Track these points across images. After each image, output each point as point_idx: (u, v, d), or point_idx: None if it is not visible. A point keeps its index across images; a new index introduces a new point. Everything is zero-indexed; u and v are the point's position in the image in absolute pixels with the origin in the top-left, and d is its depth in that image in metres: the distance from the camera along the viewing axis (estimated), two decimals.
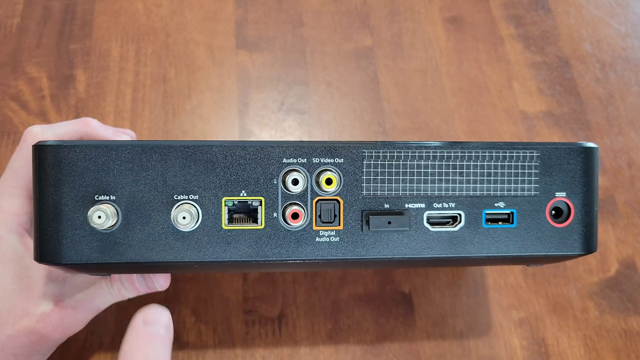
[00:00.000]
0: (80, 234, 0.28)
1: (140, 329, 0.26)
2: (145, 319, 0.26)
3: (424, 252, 0.30)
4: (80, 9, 0.51)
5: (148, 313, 0.27)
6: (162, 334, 0.26)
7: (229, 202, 0.29)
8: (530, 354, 0.42)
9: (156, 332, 0.26)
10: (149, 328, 0.26)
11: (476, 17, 0.54)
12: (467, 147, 0.30)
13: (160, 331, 0.26)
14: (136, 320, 0.26)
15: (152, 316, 0.27)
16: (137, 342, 0.26)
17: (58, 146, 0.28)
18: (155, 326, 0.26)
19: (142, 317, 0.27)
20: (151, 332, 0.26)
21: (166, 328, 0.27)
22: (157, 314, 0.27)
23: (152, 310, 0.27)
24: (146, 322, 0.26)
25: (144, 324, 0.26)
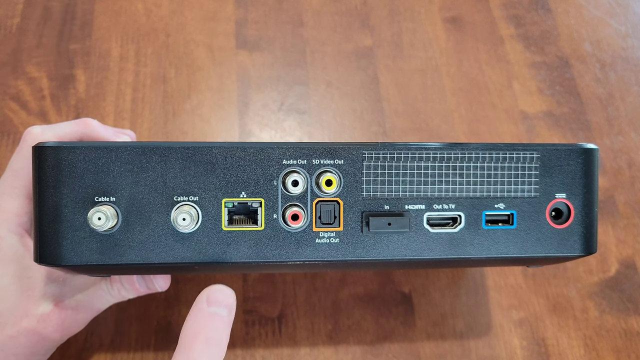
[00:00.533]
0: (80, 235, 0.28)
1: (203, 309, 0.26)
2: (209, 299, 0.26)
3: (424, 254, 0.30)
4: (80, 9, 0.51)
5: (212, 293, 0.27)
6: (224, 315, 0.26)
7: (229, 203, 0.29)
8: (530, 354, 0.42)
9: (219, 313, 0.26)
10: (211, 308, 0.26)
11: (476, 17, 0.54)
12: (467, 149, 0.30)
13: (222, 312, 0.26)
14: (200, 300, 0.26)
15: (216, 296, 0.27)
16: (198, 321, 0.26)
17: (58, 147, 0.28)
18: (218, 307, 0.26)
19: (206, 296, 0.27)
20: (214, 312, 0.26)
21: (229, 310, 0.27)
22: (221, 295, 0.27)
23: (216, 291, 0.27)
24: (210, 302, 0.26)
25: (208, 304, 0.26)
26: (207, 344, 0.25)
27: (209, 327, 0.26)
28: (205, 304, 0.26)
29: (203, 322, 0.26)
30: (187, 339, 0.25)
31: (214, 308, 0.26)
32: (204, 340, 0.25)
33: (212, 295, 0.27)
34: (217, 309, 0.26)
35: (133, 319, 0.41)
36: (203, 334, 0.25)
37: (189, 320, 0.26)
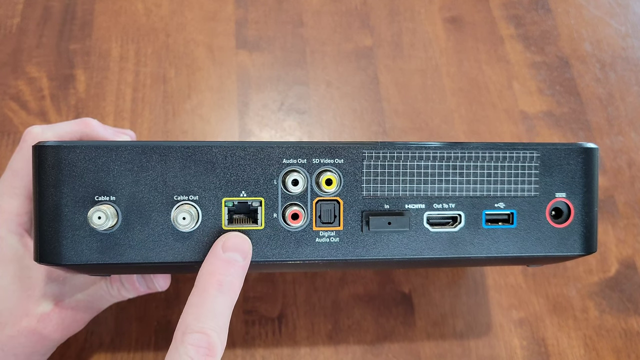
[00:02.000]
0: (80, 235, 0.28)
1: (218, 254, 0.27)
2: (225, 245, 0.27)
3: (424, 253, 0.30)
4: (80, 9, 0.51)
5: (228, 239, 0.27)
6: (239, 261, 0.27)
7: (229, 202, 0.29)
8: (530, 354, 0.42)
9: (233, 259, 0.27)
10: (227, 254, 0.27)
11: (476, 17, 0.54)
12: (467, 148, 0.30)
13: (237, 258, 0.27)
14: (216, 245, 0.27)
15: (232, 242, 0.27)
16: (213, 266, 0.27)
17: (58, 147, 0.28)
18: (233, 253, 0.27)
19: (222, 242, 0.27)
20: (229, 258, 0.27)
21: (244, 256, 0.27)
22: (237, 241, 0.28)
23: (232, 237, 0.28)
24: (225, 248, 0.27)
25: (223, 249, 0.27)
26: (220, 287, 0.26)
27: (223, 272, 0.27)
28: (221, 249, 0.27)
29: (217, 266, 0.27)
30: (201, 282, 0.27)
31: (229, 253, 0.27)
32: (217, 284, 0.26)
33: (228, 241, 0.27)
34: (232, 255, 0.27)
35: (133, 319, 0.41)
36: (216, 277, 0.27)
37: (204, 265, 0.27)
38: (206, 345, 0.25)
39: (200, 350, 0.25)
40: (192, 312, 0.26)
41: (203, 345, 0.25)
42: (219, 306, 0.26)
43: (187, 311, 0.26)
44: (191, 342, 0.25)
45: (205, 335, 0.25)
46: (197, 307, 0.26)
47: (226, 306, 0.27)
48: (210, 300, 0.26)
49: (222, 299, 0.26)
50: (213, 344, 0.25)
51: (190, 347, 0.25)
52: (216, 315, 0.26)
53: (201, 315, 0.26)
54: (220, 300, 0.26)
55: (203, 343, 0.25)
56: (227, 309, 0.27)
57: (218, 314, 0.26)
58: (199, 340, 0.25)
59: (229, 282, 0.27)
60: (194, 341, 0.25)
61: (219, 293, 0.26)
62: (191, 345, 0.25)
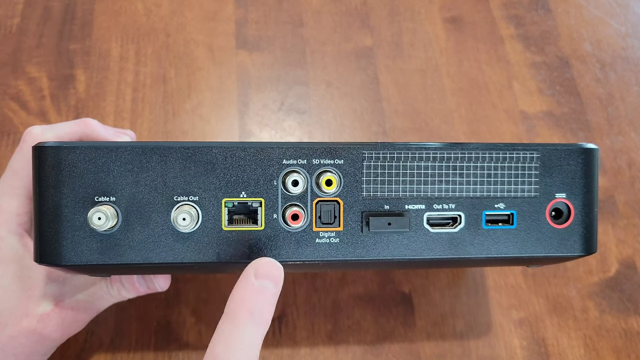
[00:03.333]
0: (80, 235, 0.28)
1: (250, 280, 0.27)
2: (257, 272, 0.27)
3: (424, 253, 0.30)
4: (80, 9, 0.51)
5: (260, 266, 0.27)
6: (270, 288, 0.27)
7: (229, 203, 0.29)
8: (530, 354, 0.42)
9: (265, 287, 0.27)
10: (259, 281, 0.27)
11: (476, 17, 0.54)
12: (467, 148, 0.30)
13: (269, 286, 0.27)
14: (248, 272, 0.27)
15: (264, 270, 0.27)
16: (245, 292, 0.26)
17: (58, 147, 0.28)
18: (265, 280, 0.27)
19: (254, 268, 0.27)
20: (260, 285, 0.27)
21: (275, 284, 0.27)
22: (269, 268, 0.27)
23: (265, 264, 0.27)
24: (257, 275, 0.27)
25: (255, 276, 0.27)
26: (251, 315, 0.26)
27: (255, 300, 0.26)
28: (253, 276, 0.27)
29: (249, 294, 0.26)
30: (232, 309, 0.26)
31: (261, 281, 0.27)
32: (248, 312, 0.26)
33: (260, 268, 0.27)
34: (264, 282, 0.27)
35: (133, 319, 0.41)
36: (247, 305, 0.26)
37: (236, 291, 0.27)
38: None
39: None
40: (222, 341, 0.25)
41: None
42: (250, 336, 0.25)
43: (216, 339, 0.25)
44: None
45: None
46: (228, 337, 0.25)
47: (257, 337, 0.26)
48: (241, 329, 0.25)
49: (254, 329, 0.26)
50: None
51: None
52: (247, 347, 0.25)
53: (232, 346, 0.25)
54: (252, 330, 0.26)
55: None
56: (258, 339, 0.26)
57: (249, 346, 0.25)
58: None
59: (260, 311, 0.26)
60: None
61: (250, 322, 0.26)
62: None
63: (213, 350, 0.25)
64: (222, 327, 0.26)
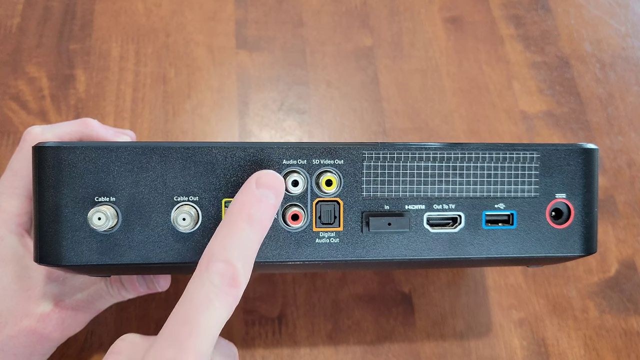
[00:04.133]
0: (80, 236, 0.28)
1: (251, 189, 0.27)
2: (258, 181, 0.27)
3: (423, 254, 0.30)
4: (80, 9, 0.51)
5: (262, 176, 0.27)
6: (270, 198, 0.27)
7: (229, 203, 0.29)
8: (530, 354, 0.42)
9: (265, 195, 0.27)
10: (259, 190, 0.27)
11: (476, 17, 0.54)
12: (467, 149, 0.30)
13: (269, 195, 0.27)
14: (250, 181, 0.27)
15: (265, 180, 0.27)
16: (245, 197, 0.27)
17: (58, 147, 0.28)
18: (266, 190, 0.27)
19: (256, 178, 0.27)
20: (261, 194, 0.27)
21: (276, 195, 0.27)
22: (271, 178, 0.27)
23: (266, 174, 0.27)
24: (259, 185, 0.27)
25: (257, 185, 0.27)
26: (250, 220, 0.26)
27: (254, 205, 0.26)
28: (254, 185, 0.27)
29: (249, 200, 0.26)
30: (232, 213, 0.26)
31: (262, 190, 0.27)
32: (248, 216, 0.26)
33: (262, 178, 0.27)
34: (264, 191, 0.27)
35: (133, 319, 0.41)
36: (247, 210, 0.26)
37: (236, 198, 0.27)
38: (230, 276, 0.25)
39: (224, 280, 0.25)
40: (219, 241, 0.26)
41: (228, 275, 0.25)
42: (247, 239, 0.26)
43: (214, 240, 0.26)
44: (216, 270, 0.25)
45: (230, 266, 0.25)
46: (225, 237, 0.26)
47: (254, 241, 0.26)
48: (239, 231, 0.26)
49: (251, 233, 0.26)
50: (237, 275, 0.25)
51: (215, 275, 0.25)
52: (243, 248, 0.26)
53: (228, 245, 0.25)
54: (249, 234, 0.26)
55: (228, 273, 0.25)
56: (255, 243, 0.26)
57: (245, 247, 0.26)
58: (224, 270, 0.25)
59: (259, 217, 0.26)
60: (218, 269, 0.25)
61: (248, 226, 0.26)
62: (216, 273, 0.25)
63: (210, 249, 0.26)
64: (220, 230, 0.26)
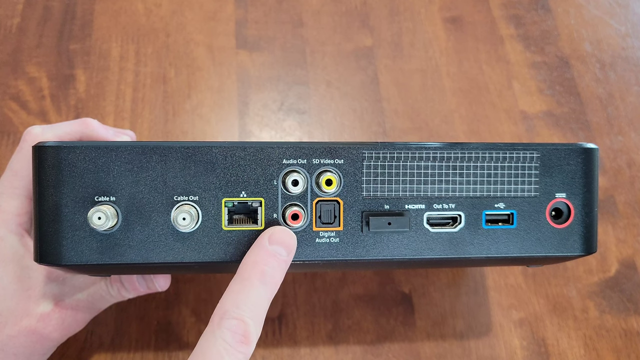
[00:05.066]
0: (80, 235, 0.28)
1: (264, 246, 0.28)
2: (271, 238, 0.28)
3: (424, 253, 0.30)
4: (80, 9, 0.51)
5: (274, 233, 0.28)
6: (282, 255, 0.28)
7: (229, 203, 0.29)
8: (530, 354, 0.42)
9: (277, 252, 0.27)
10: (272, 247, 0.27)
11: (476, 17, 0.54)
12: (467, 148, 0.30)
13: (281, 252, 0.28)
14: (262, 237, 0.28)
15: (278, 236, 0.28)
16: (258, 256, 0.27)
17: (58, 147, 0.28)
18: (278, 247, 0.28)
19: (268, 235, 0.28)
20: (273, 251, 0.27)
21: (288, 251, 0.28)
22: (283, 235, 0.28)
23: (278, 231, 0.28)
24: (271, 241, 0.28)
25: (269, 242, 0.28)
26: (262, 277, 0.27)
27: (267, 263, 0.27)
28: (267, 241, 0.28)
29: (261, 257, 0.27)
30: (244, 269, 0.27)
31: (274, 246, 0.28)
32: (260, 273, 0.27)
33: (274, 235, 0.28)
34: (277, 248, 0.28)
35: (133, 319, 0.41)
36: (260, 267, 0.27)
37: (249, 254, 0.28)
38: (242, 333, 0.25)
39: (236, 337, 0.25)
40: (231, 298, 0.26)
41: (239, 332, 0.25)
42: (259, 296, 0.26)
43: (226, 297, 0.26)
44: (228, 327, 0.25)
45: (242, 323, 0.26)
46: (237, 294, 0.26)
47: (266, 298, 0.27)
48: (251, 289, 0.26)
49: (263, 290, 0.27)
50: (249, 333, 0.26)
51: (227, 331, 0.25)
52: (255, 305, 0.26)
53: (240, 303, 0.26)
54: (261, 291, 0.26)
55: (240, 330, 0.25)
56: (266, 301, 0.27)
57: (257, 305, 0.26)
58: (236, 327, 0.25)
59: (271, 274, 0.27)
60: (230, 326, 0.25)
61: (260, 283, 0.27)
62: (228, 330, 0.25)
63: (222, 306, 0.26)
64: (233, 286, 0.27)
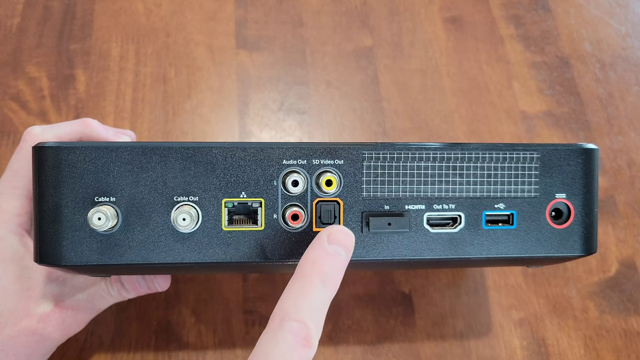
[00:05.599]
0: (80, 236, 0.28)
1: (323, 244, 0.27)
2: (330, 238, 0.27)
3: (424, 254, 0.30)
4: (80, 9, 0.51)
5: (333, 233, 0.27)
6: (341, 256, 0.27)
7: (229, 203, 0.29)
8: (530, 354, 0.42)
9: (336, 252, 0.27)
10: (331, 247, 0.27)
11: (476, 17, 0.54)
12: (467, 149, 0.30)
13: (340, 252, 0.27)
14: (321, 237, 0.27)
15: (336, 236, 0.27)
16: (317, 256, 0.27)
17: (58, 147, 0.28)
18: (337, 246, 0.27)
19: (327, 234, 0.27)
20: (333, 250, 0.27)
21: (347, 251, 0.27)
22: (341, 235, 0.27)
23: (337, 231, 0.27)
24: (330, 241, 0.27)
25: (328, 242, 0.27)
26: (322, 278, 0.26)
27: (326, 263, 0.26)
28: (326, 241, 0.27)
29: (321, 257, 0.27)
30: (304, 270, 0.26)
31: (333, 246, 0.27)
32: (321, 274, 0.26)
33: (333, 234, 0.27)
34: (335, 248, 0.27)
35: (133, 319, 0.41)
36: (320, 267, 0.26)
37: (308, 253, 0.27)
38: (304, 336, 0.25)
39: (297, 340, 0.24)
40: (292, 299, 0.25)
41: (301, 336, 0.25)
42: (320, 298, 0.26)
43: (286, 297, 0.26)
44: (289, 329, 0.25)
45: (304, 326, 0.25)
46: (298, 296, 0.26)
47: (326, 300, 0.26)
48: (313, 289, 0.26)
49: (324, 291, 0.26)
50: (311, 336, 0.25)
51: (289, 334, 0.24)
52: (316, 308, 0.25)
53: (301, 304, 0.25)
54: (322, 293, 0.26)
55: (301, 333, 0.25)
56: (326, 303, 0.26)
57: (318, 307, 0.26)
58: (298, 330, 0.25)
59: (330, 275, 0.26)
60: (292, 329, 0.25)
61: (321, 284, 0.26)
62: (289, 332, 0.24)
63: (282, 307, 0.25)
64: (293, 286, 0.26)
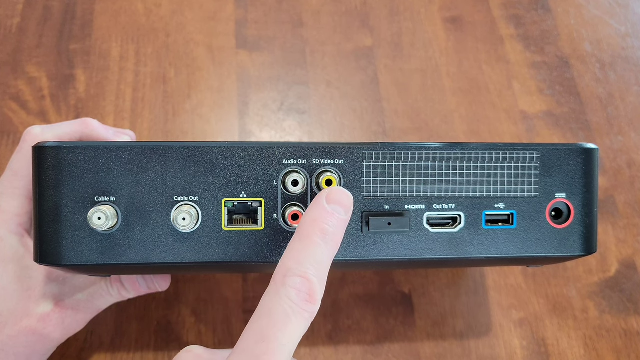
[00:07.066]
0: (80, 235, 0.28)
1: (322, 204, 0.27)
2: (328, 197, 0.27)
3: (424, 253, 0.30)
4: (80, 9, 0.51)
5: (332, 193, 0.27)
6: (340, 214, 0.27)
7: (229, 203, 0.29)
8: (530, 354, 0.42)
9: (336, 211, 0.27)
10: (330, 206, 0.27)
11: (476, 17, 0.54)
12: (467, 148, 0.30)
13: (339, 211, 0.27)
14: (320, 197, 0.27)
15: (335, 196, 0.27)
16: (316, 214, 0.26)
17: (58, 147, 0.28)
18: (336, 205, 0.27)
19: (326, 194, 0.27)
20: (332, 210, 0.27)
21: (346, 211, 0.27)
22: (340, 195, 0.27)
23: (336, 191, 0.27)
24: (329, 200, 0.27)
25: (327, 201, 0.27)
26: (323, 235, 0.26)
27: (326, 221, 0.26)
28: (325, 201, 0.27)
29: (320, 215, 0.26)
30: (304, 229, 0.26)
31: (332, 206, 0.27)
32: (321, 232, 0.26)
33: (331, 194, 0.27)
34: (334, 207, 0.27)
35: (133, 319, 0.41)
36: (320, 225, 0.26)
37: (307, 214, 0.27)
38: (307, 291, 0.24)
39: (301, 295, 0.24)
40: (293, 256, 0.25)
41: (304, 290, 0.24)
42: (321, 254, 0.25)
43: (287, 255, 0.25)
44: (292, 285, 0.24)
45: (307, 281, 0.24)
46: (299, 252, 0.25)
47: (328, 256, 0.26)
48: (313, 246, 0.25)
49: (325, 248, 0.26)
50: (314, 291, 0.25)
51: (292, 290, 0.24)
52: (318, 263, 0.25)
53: (303, 260, 0.25)
54: (323, 249, 0.26)
55: (304, 288, 0.24)
56: (328, 259, 0.26)
57: (320, 262, 0.25)
58: (301, 285, 0.24)
59: (331, 232, 0.26)
60: (295, 284, 0.24)
61: (322, 241, 0.26)
62: (292, 288, 0.24)
63: (284, 264, 0.25)
64: (293, 245, 0.26)
